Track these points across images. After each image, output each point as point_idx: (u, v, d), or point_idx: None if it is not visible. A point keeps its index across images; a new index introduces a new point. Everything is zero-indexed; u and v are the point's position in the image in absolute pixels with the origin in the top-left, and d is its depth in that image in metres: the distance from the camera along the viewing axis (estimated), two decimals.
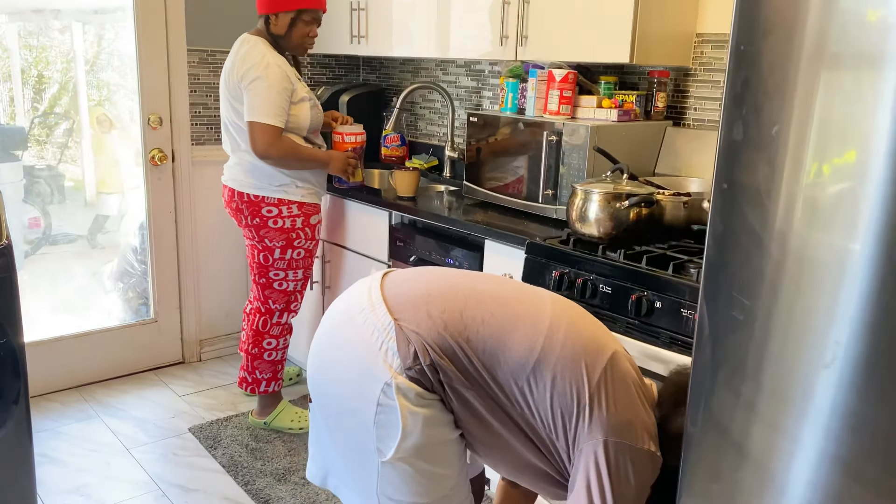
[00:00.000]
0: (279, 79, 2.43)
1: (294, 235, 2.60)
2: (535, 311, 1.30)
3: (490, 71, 3.09)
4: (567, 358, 1.25)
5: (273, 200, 2.55)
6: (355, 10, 3.13)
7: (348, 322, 1.33)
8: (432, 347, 1.25)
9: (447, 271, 1.43)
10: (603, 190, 1.90)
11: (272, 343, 2.75)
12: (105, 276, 3.60)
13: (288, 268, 2.64)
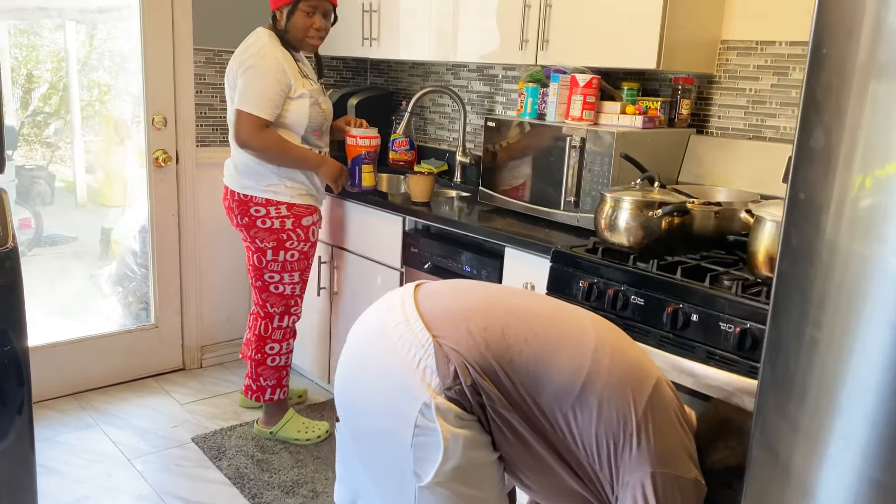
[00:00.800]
0: (274, 70, 2.38)
1: (285, 237, 2.53)
2: (578, 332, 1.24)
3: (504, 76, 3.03)
4: (614, 384, 1.19)
5: (261, 200, 2.49)
6: (367, 11, 3.07)
7: (381, 337, 1.26)
8: (473, 367, 1.18)
9: (482, 285, 1.37)
10: (634, 198, 1.85)
11: (275, 348, 2.68)
12: (103, 280, 3.51)
13: (283, 270, 2.57)
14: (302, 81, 2.48)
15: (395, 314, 1.27)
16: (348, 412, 1.28)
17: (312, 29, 2.46)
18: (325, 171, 2.54)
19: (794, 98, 2.16)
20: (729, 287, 1.66)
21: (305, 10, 2.43)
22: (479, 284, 1.36)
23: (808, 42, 0.94)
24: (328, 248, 2.94)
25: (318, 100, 2.52)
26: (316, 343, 3.09)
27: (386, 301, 1.33)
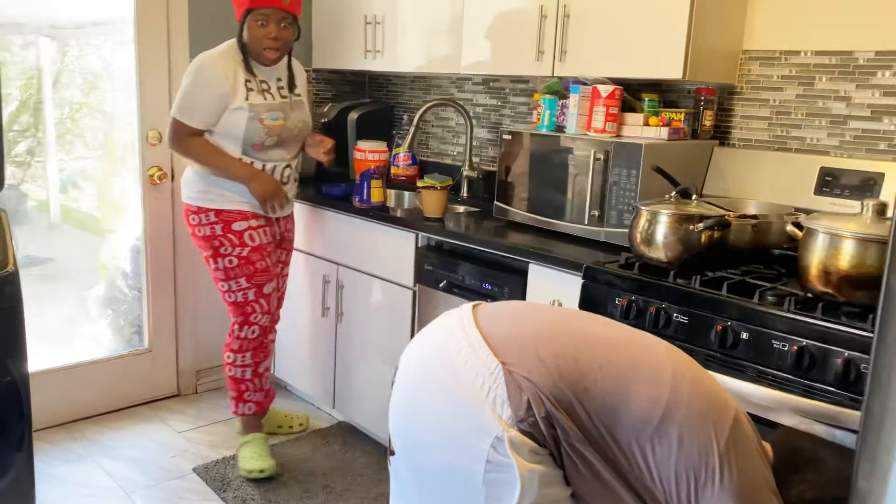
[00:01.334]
0: (208, 79, 2.38)
1: (217, 243, 2.47)
2: (653, 359, 1.15)
3: (511, 88, 2.97)
4: (694, 416, 1.10)
5: (194, 208, 2.49)
6: (370, 23, 3.00)
7: (444, 364, 1.16)
8: (547, 397, 1.09)
9: (544, 307, 1.28)
10: (673, 211, 1.78)
11: (230, 357, 2.59)
12: (90, 303, 3.36)
13: (227, 278, 2.50)
14: (247, 94, 2.41)
15: (455, 338, 1.18)
16: (408, 446, 1.18)
17: (266, 39, 2.40)
18: (254, 186, 2.45)
19: (820, 108, 2.12)
20: (779, 303, 1.59)
21: (256, 19, 2.39)
22: (542, 307, 1.27)
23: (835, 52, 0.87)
24: (333, 266, 2.83)
25: (260, 115, 2.42)
26: (319, 366, 2.97)
27: (442, 325, 1.24)
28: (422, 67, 2.84)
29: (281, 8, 2.40)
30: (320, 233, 2.87)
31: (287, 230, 2.71)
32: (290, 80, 2.58)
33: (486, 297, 2.27)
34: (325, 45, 3.28)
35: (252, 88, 2.44)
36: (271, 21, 2.39)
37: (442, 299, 2.43)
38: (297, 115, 2.55)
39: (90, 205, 3.19)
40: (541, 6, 2.35)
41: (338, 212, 2.76)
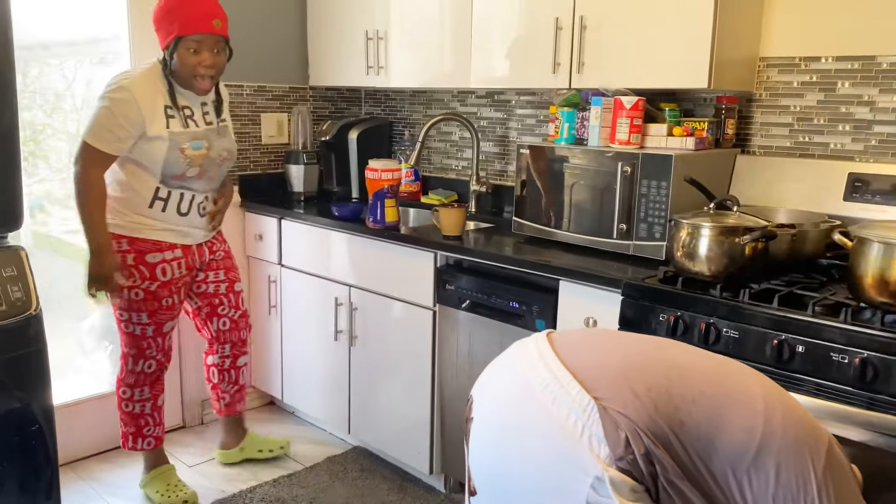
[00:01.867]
0: (123, 106, 2.21)
1: (126, 273, 2.33)
2: (743, 388, 1.12)
3: (517, 101, 2.94)
4: (790, 445, 1.06)
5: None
6: (371, 38, 2.94)
7: (531, 403, 1.11)
8: (645, 433, 1.04)
9: (621, 335, 1.24)
10: (716, 224, 1.75)
11: (127, 393, 2.48)
12: (84, 334, 3.24)
13: (129, 309, 2.38)
14: (167, 122, 2.29)
15: (538, 373, 1.12)
16: (495, 487, 1.13)
17: (200, 67, 2.27)
18: (92, 263, 2.27)
19: (843, 114, 2.12)
20: (835, 314, 1.57)
21: (188, 47, 2.24)
22: (620, 335, 1.23)
23: (857, 57, 0.84)
24: (344, 288, 2.77)
25: (181, 144, 2.30)
26: (332, 391, 2.90)
27: (519, 357, 1.18)
28: (428, 83, 2.79)
29: (213, 33, 2.26)
30: (330, 254, 2.80)
31: (214, 252, 2.58)
32: (217, 104, 2.46)
33: (515, 316, 2.22)
34: (323, 62, 3.22)
35: (173, 116, 2.30)
36: (204, 48, 2.26)
37: (464, 319, 2.38)
38: (221, 142, 2.44)
39: (60, 228, 3.06)
40: (556, 18, 2.33)
41: (349, 232, 2.69)
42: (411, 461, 2.62)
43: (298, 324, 3.00)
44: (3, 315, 1.55)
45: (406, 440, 2.62)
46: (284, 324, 3.07)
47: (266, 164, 3.26)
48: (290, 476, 2.70)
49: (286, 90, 3.27)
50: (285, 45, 3.22)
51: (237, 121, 3.13)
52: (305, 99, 3.35)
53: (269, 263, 3.08)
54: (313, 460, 2.83)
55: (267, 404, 3.36)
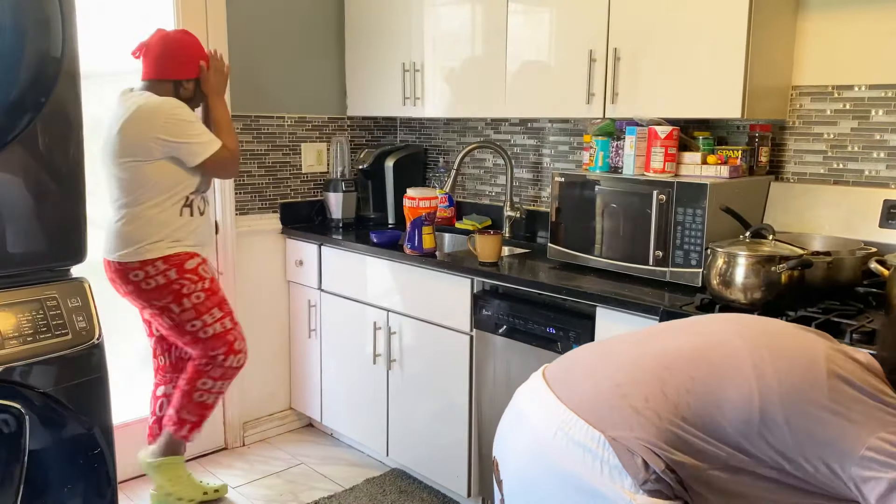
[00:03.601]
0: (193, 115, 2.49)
1: (177, 286, 2.45)
2: (730, 354, 1.15)
3: (550, 129, 3.00)
4: (790, 393, 1.09)
5: (135, 264, 2.42)
6: (408, 71, 3.03)
7: (543, 455, 1.16)
8: (659, 447, 1.09)
9: (606, 346, 1.29)
10: (752, 253, 1.79)
11: (208, 384, 2.57)
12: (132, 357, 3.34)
13: (197, 315, 2.49)
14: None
15: (545, 423, 1.18)
16: None
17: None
18: (219, 94, 2.58)
19: (877, 141, 2.14)
20: (874, 342, 1.59)
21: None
22: (605, 347, 1.28)
23: (890, 85, 0.87)
24: (382, 312, 2.83)
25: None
26: (370, 413, 2.95)
27: (524, 408, 1.24)
28: (463, 113, 2.87)
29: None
30: (368, 279, 2.87)
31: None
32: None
33: (551, 341, 2.27)
34: (361, 93, 3.32)
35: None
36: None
37: (501, 344, 2.43)
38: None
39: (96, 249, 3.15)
40: (590, 50, 2.39)
41: (387, 258, 2.76)
42: (449, 484, 2.66)
43: (337, 347, 3.08)
44: (69, 344, 1.63)
45: (444, 463, 2.67)
46: (324, 347, 3.15)
47: (305, 191, 3.35)
48: (330, 498, 2.76)
49: (325, 120, 3.37)
50: (324, 78, 3.33)
51: (278, 150, 3.24)
52: (343, 129, 3.45)
53: (309, 288, 3.17)
54: (352, 482, 2.89)
55: (306, 426, 3.42)
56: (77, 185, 1.73)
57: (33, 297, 1.64)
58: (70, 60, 1.65)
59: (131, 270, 2.42)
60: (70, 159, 1.70)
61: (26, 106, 1.59)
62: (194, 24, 2.89)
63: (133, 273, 2.42)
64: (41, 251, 1.68)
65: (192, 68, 2.51)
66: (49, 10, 1.60)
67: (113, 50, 2.84)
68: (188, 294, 2.47)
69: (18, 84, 1.57)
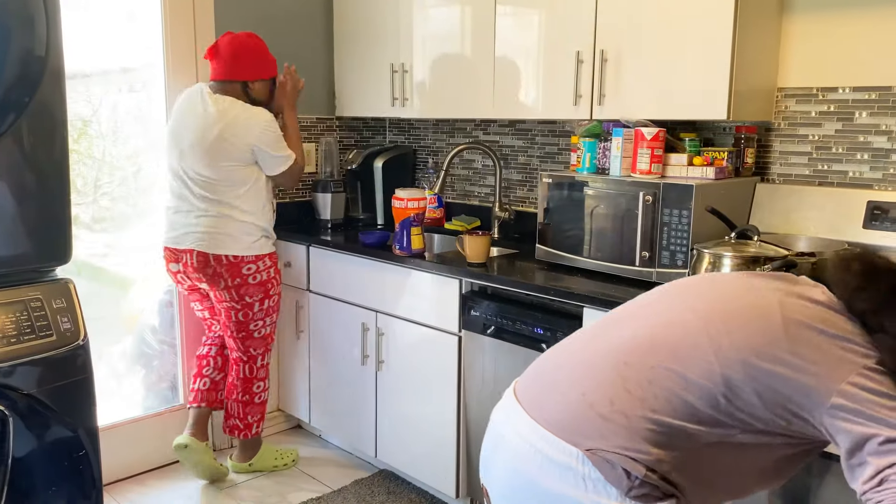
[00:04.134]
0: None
1: (270, 285, 2.74)
2: (683, 334, 1.15)
3: (538, 129, 3.01)
4: (748, 358, 1.10)
5: (251, 258, 2.66)
6: (396, 72, 3.03)
7: (525, 476, 1.17)
8: (635, 451, 1.09)
9: (566, 349, 1.29)
10: (736, 254, 1.80)
11: (261, 386, 2.85)
12: (117, 359, 3.33)
13: (265, 315, 2.76)
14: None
15: (522, 443, 1.19)
16: None
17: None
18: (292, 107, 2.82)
19: (861, 143, 2.16)
20: None
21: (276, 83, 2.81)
22: (564, 350, 1.29)
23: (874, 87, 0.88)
24: (371, 313, 2.83)
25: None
26: (359, 414, 2.95)
27: (501, 430, 1.25)
28: (451, 113, 2.87)
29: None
30: (356, 280, 2.87)
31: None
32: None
33: (538, 342, 2.28)
34: (350, 94, 3.32)
35: None
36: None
37: (489, 344, 2.44)
38: None
39: (87, 252, 3.15)
40: (577, 52, 2.40)
41: (375, 259, 2.76)
42: (438, 484, 2.66)
43: (326, 348, 3.07)
44: (53, 345, 1.63)
45: (432, 463, 2.67)
46: (312, 348, 3.14)
47: (294, 192, 3.35)
48: (318, 499, 2.75)
49: (313, 121, 3.37)
50: (313, 78, 3.32)
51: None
52: (332, 129, 3.44)
53: (298, 289, 3.16)
54: (340, 483, 2.88)
55: (294, 427, 3.42)
56: (62, 185, 1.72)
57: (17, 298, 1.63)
58: (55, 59, 1.65)
59: (246, 264, 2.64)
60: (55, 159, 1.70)
61: (10, 105, 1.59)
62: (182, 24, 2.88)
63: (247, 266, 2.65)
64: (25, 252, 1.67)
65: (260, 70, 2.67)
66: (33, 9, 1.59)
67: (99, 49, 2.83)
68: (273, 294, 2.77)
69: (2, 83, 1.56)
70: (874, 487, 1.01)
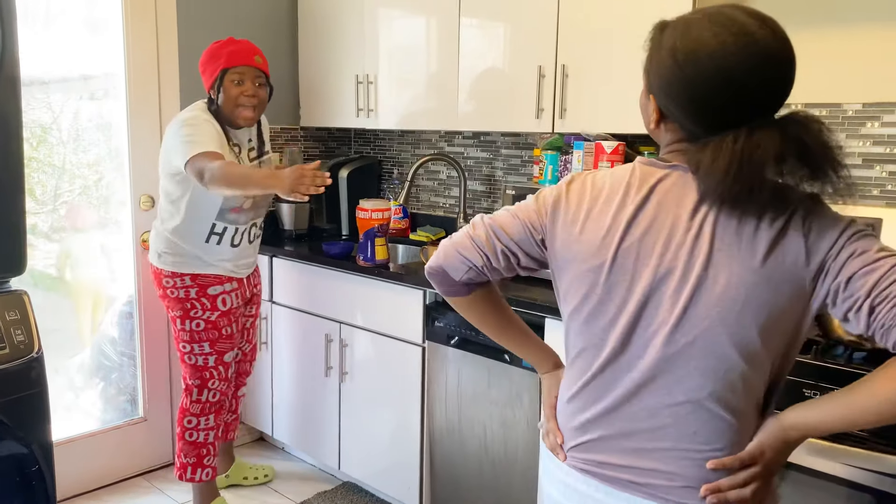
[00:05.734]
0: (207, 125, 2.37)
1: (189, 306, 2.50)
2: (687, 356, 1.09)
3: (502, 142, 3.03)
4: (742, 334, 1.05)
5: (167, 273, 2.51)
6: (361, 82, 3.04)
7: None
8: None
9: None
10: None
11: (192, 422, 2.59)
12: (75, 372, 3.26)
13: (191, 340, 2.53)
14: (231, 156, 2.45)
15: None
16: None
17: (243, 96, 2.44)
18: (278, 183, 2.10)
19: None
20: (807, 352, 1.65)
21: (232, 79, 2.43)
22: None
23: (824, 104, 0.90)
24: (335, 325, 2.82)
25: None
26: (322, 426, 2.93)
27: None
28: (416, 125, 2.89)
29: (254, 66, 2.46)
30: (320, 291, 2.86)
31: (256, 285, 2.78)
32: (259, 138, 2.63)
33: (501, 352, 2.29)
34: (315, 104, 3.31)
35: (236, 154, 2.49)
36: (247, 79, 2.45)
37: (453, 355, 2.44)
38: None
39: (45, 262, 3.10)
40: (539, 66, 2.43)
41: (339, 270, 2.76)
42: (401, 496, 2.66)
43: (289, 360, 3.05)
44: (6, 358, 1.59)
45: (396, 475, 2.66)
46: (275, 360, 3.12)
47: None
48: None
49: (278, 131, 3.35)
50: (278, 88, 3.31)
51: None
52: (297, 139, 3.43)
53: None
54: (303, 496, 2.86)
55: (257, 440, 3.38)
56: (16, 194, 1.69)
57: None
58: (10, 66, 1.62)
59: (164, 277, 2.53)
60: (10, 167, 1.66)
61: None
62: (143, 31, 2.85)
63: (165, 279, 2.53)
64: None
65: (205, 79, 2.47)
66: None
67: (59, 57, 2.79)
68: (196, 320, 2.53)
69: None
70: None
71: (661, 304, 1.07)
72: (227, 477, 2.89)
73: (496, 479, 2.36)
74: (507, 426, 2.31)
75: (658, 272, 1.07)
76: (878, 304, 0.97)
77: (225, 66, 2.42)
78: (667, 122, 1.13)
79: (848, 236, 1.02)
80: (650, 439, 1.09)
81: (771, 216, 1.03)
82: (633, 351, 1.09)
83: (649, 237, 1.08)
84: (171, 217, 2.48)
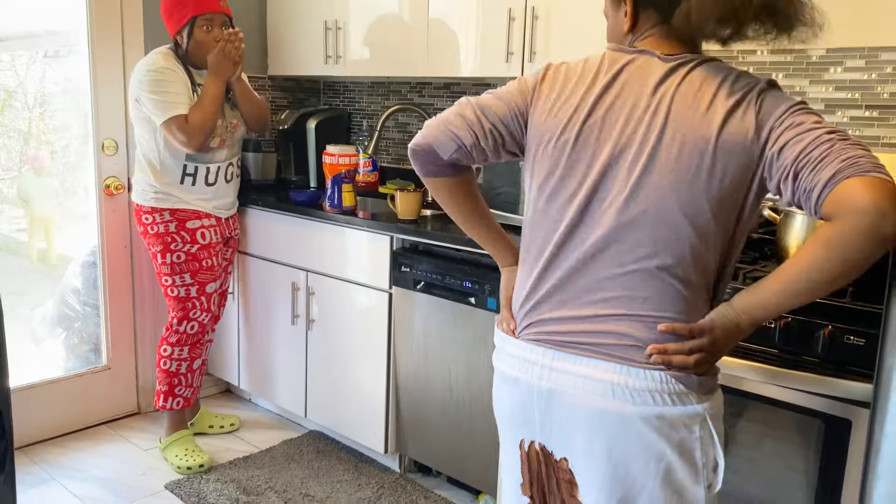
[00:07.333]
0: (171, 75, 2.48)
1: (169, 239, 2.58)
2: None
3: (473, 92, 3.02)
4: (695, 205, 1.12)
5: (147, 209, 2.58)
6: (330, 29, 2.99)
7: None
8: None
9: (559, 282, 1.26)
10: None
11: (167, 350, 2.67)
12: (37, 322, 3.21)
13: (172, 273, 2.60)
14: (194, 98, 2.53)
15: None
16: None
17: (215, 42, 2.51)
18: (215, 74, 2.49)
19: None
20: None
21: (201, 25, 2.50)
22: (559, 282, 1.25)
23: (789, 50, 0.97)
24: (301, 272, 2.81)
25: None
26: (289, 375, 2.93)
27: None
28: (385, 72, 2.86)
29: (222, 11, 2.54)
30: (287, 239, 2.84)
31: (234, 229, 2.84)
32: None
33: (467, 295, 2.30)
34: (282, 52, 3.26)
35: (197, 93, 2.53)
36: (215, 25, 2.52)
37: (420, 300, 2.45)
38: (232, 113, 2.67)
39: (10, 227, 3.04)
40: (509, 8, 2.41)
41: (306, 217, 2.74)
42: (367, 441, 2.67)
43: (255, 310, 3.03)
44: None
45: (362, 421, 2.67)
46: (241, 310, 3.10)
47: None
48: (246, 458, 2.73)
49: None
50: (245, 36, 3.24)
51: None
52: (265, 88, 3.38)
53: None
54: (268, 443, 2.86)
55: (224, 391, 3.37)
56: None
57: None
58: None
59: (144, 213, 2.61)
60: None
61: None
62: None
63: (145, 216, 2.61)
64: None
65: (169, 25, 2.51)
66: None
67: (22, 11, 2.70)
68: (177, 252, 2.61)
69: None
70: None
71: (618, 176, 1.11)
72: (191, 425, 2.87)
73: (459, 419, 2.39)
74: (472, 367, 2.33)
75: (617, 146, 1.12)
76: (801, 169, 1.01)
77: (194, 13, 2.47)
78: (641, 12, 1.18)
79: (792, 111, 1.06)
80: (603, 307, 1.13)
81: (727, 90, 1.08)
82: (589, 223, 1.13)
83: (612, 114, 1.13)
84: (145, 159, 2.57)
